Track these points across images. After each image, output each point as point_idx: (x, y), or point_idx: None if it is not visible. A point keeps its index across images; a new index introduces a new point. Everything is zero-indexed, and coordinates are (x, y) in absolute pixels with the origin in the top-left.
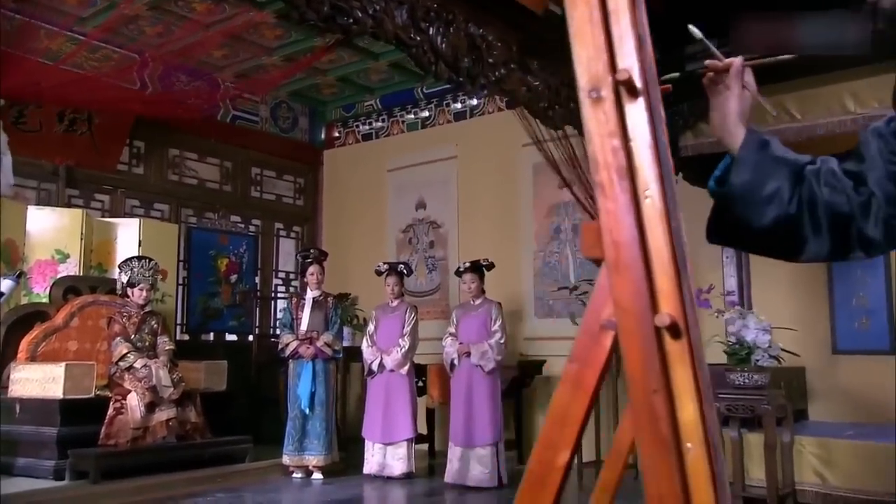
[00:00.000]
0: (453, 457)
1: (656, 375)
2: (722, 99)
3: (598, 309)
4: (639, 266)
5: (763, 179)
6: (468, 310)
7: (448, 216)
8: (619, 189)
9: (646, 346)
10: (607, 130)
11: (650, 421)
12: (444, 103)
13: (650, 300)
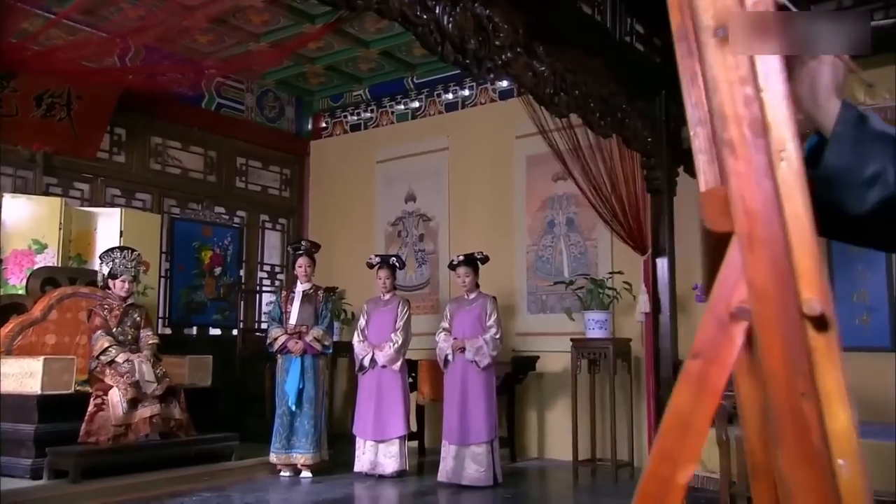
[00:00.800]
0: (447, 455)
1: (804, 376)
2: (810, 68)
3: (727, 293)
4: (779, 240)
5: (863, 159)
6: (462, 304)
7: (439, 209)
8: (753, 148)
9: (790, 340)
10: (738, 76)
11: (797, 431)
12: (435, 94)
13: (794, 283)
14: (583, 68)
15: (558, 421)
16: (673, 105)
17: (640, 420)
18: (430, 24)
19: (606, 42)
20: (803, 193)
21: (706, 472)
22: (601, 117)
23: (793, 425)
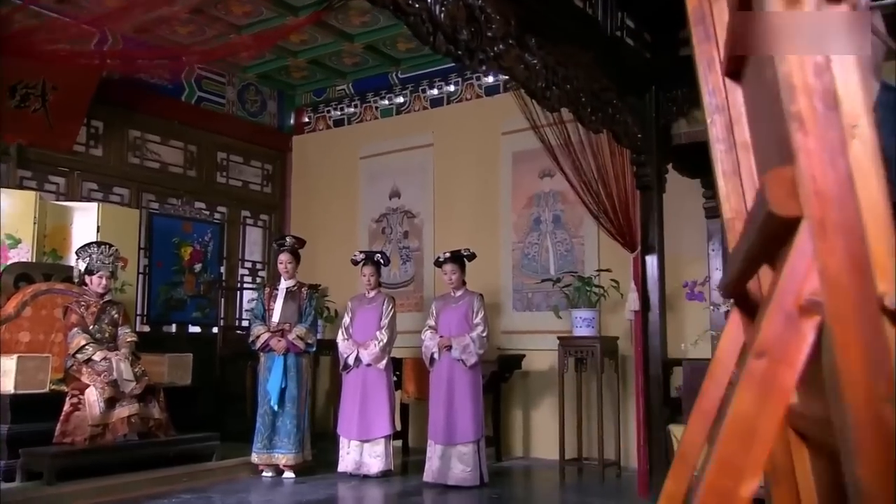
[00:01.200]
0: (433, 455)
1: (887, 378)
2: None
3: (795, 284)
4: (855, 226)
5: None
6: (448, 302)
7: (423, 206)
8: (825, 122)
9: (870, 338)
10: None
11: (879, 440)
12: (419, 89)
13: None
14: (574, 62)
15: (544, 420)
16: (663, 101)
17: (627, 419)
18: (422, 13)
19: (598, 36)
20: (878, 175)
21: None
22: (592, 112)
23: (875, 433)
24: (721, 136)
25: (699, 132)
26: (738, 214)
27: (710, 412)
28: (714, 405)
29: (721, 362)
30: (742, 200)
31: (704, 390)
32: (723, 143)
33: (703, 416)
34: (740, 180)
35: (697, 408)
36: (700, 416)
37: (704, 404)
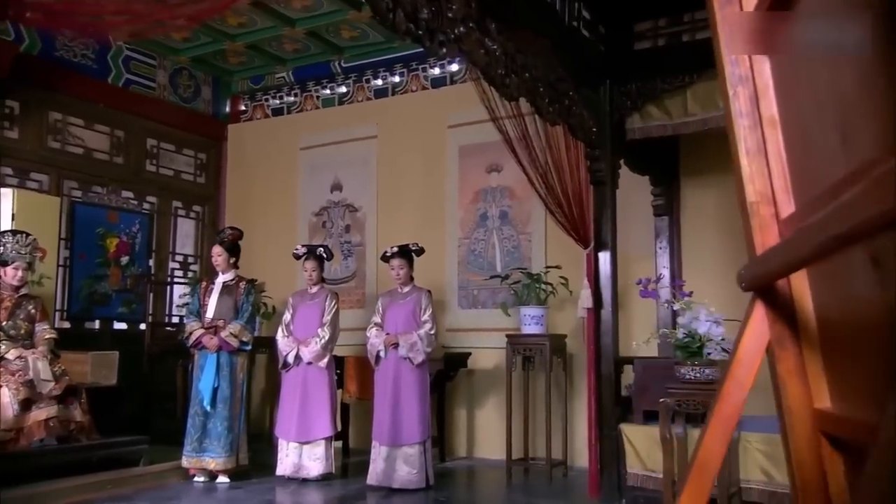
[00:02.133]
0: (377, 457)
1: None
2: None
3: None
4: None
5: None
6: (395, 298)
7: (366, 199)
8: None
9: None
10: None
11: None
12: (363, 79)
13: None
14: (533, 51)
15: (489, 419)
16: (617, 95)
17: (574, 418)
18: None
19: (555, 25)
20: None
21: (646, 471)
22: (550, 103)
23: None
24: (745, 109)
25: (652, 127)
26: (764, 198)
27: (731, 417)
28: (736, 410)
29: (743, 362)
30: (768, 182)
31: (725, 393)
32: (746, 117)
33: (725, 421)
34: (766, 160)
35: (718, 413)
36: (721, 421)
37: (725, 409)
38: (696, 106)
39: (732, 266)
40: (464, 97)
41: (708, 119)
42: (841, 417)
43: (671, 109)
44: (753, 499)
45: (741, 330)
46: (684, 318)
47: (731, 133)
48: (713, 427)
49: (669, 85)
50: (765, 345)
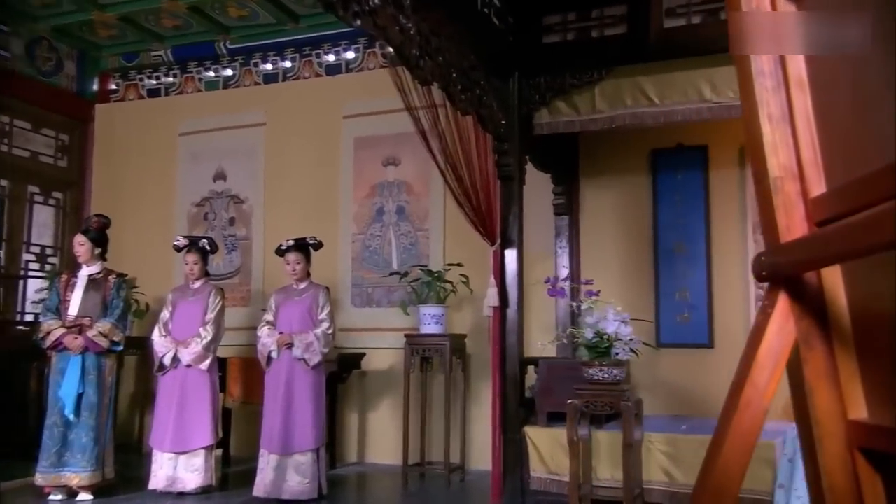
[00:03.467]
0: (266, 466)
1: None
2: None
3: None
4: None
5: None
6: (290, 295)
7: (253, 190)
8: None
9: None
10: None
11: None
12: (251, 62)
13: None
14: (447, 34)
15: (382, 423)
16: (526, 88)
17: (472, 421)
18: None
19: (468, 10)
20: None
21: (549, 474)
22: (462, 91)
23: None
24: (766, 68)
25: (560, 123)
26: (789, 173)
27: (752, 433)
28: (758, 423)
29: (764, 366)
30: (793, 154)
31: (744, 403)
32: (769, 77)
33: (744, 437)
34: (792, 128)
35: (736, 427)
36: (740, 437)
37: (745, 422)
38: (603, 103)
39: (630, 267)
40: (360, 86)
41: (615, 117)
42: (880, 428)
43: (579, 106)
44: (655, 499)
45: (758, 327)
46: (592, 317)
47: (748, 95)
48: (731, 445)
49: (578, 81)
50: (790, 344)
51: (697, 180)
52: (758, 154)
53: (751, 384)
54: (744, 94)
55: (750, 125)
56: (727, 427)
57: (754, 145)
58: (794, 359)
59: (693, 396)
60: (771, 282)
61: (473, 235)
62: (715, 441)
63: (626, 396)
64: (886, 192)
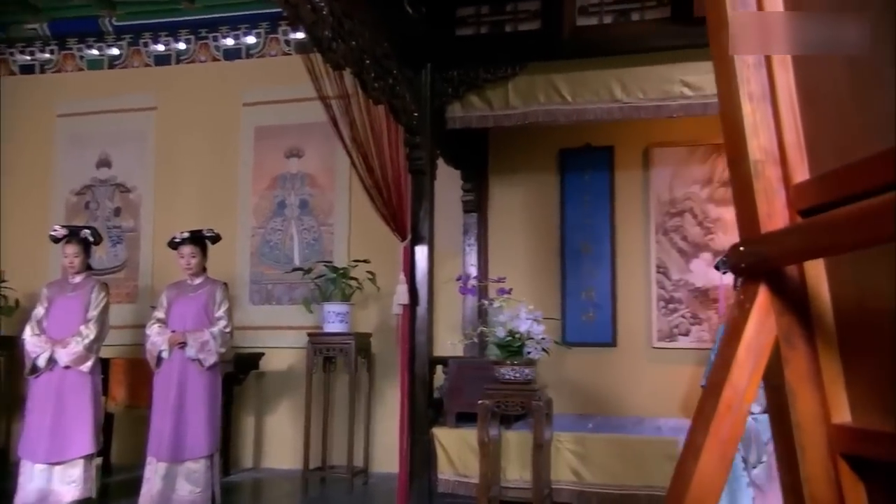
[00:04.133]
0: (153, 475)
1: None
2: None
3: None
4: None
5: None
6: (185, 291)
7: (141, 179)
8: None
9: None
10: None
11: None
12: (140, 42)
13: None
14: (360, 18)
15: (281, 426)
16: (439, 81)
17: (377, 423)
18: None
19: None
20: None
21: (458, 476)
22: (375, 79)
23: None
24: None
25: (474, 118)
26: (770, 157)
27: (732, 439)
28: (738, 428)
29: (744, 366)
30: (775, 137)
31: (724, 407)
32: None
33: (723, 445)
34: (774, 109)
35: (714, 434)
36: (718, 445)
37: (724, 427)
38: (517, 99)
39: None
40: (262, 73)
41: (528, 113)
42: (864, 433)
43: (493, 101)
44: (563, 499)
45: (735, 324)
46: (504, 315)
47: (725, 72)
48: (709, 453)
49: (492, 75)
50: (771, 343)
51: (604, 181)
52: (736, 136)
53: (730, 386)
54: (720, 72)
55: (727, 105)
56: (704, 433)
57: (732, 126)
58: (774, 359)
59: (597, 395)
60: (749, 275)
61: (380, 231)
62: (690, 449)
63: (538, 396)
64: (884, 179)
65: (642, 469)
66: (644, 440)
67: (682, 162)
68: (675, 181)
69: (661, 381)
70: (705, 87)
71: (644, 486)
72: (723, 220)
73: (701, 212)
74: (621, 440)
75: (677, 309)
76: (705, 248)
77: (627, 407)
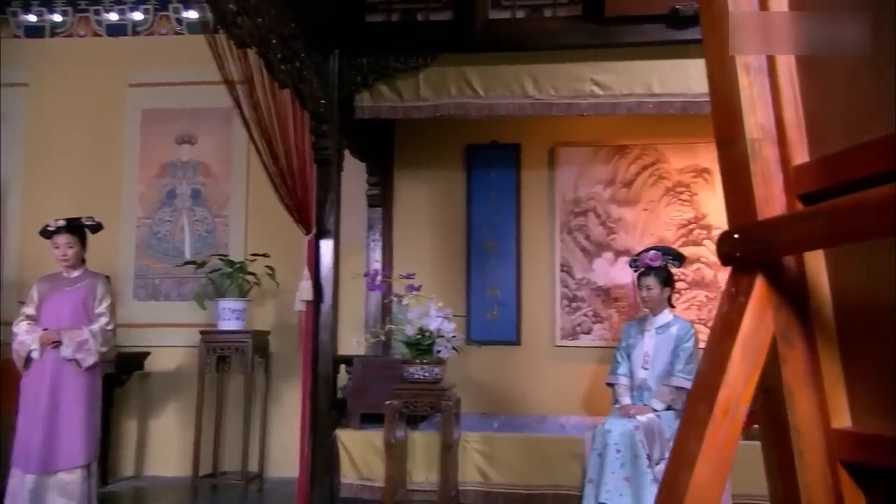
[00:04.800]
0: (19, 489)
1: None
2: None
3: None
4: None
5: None
6: (60, 285)
7: (8, 162)
8: None
9: None
10: None
11: None
12: (7, 11)
13: None
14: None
15: (166, 430)
16: (347, 68)
17: (273, 425)
18: None
19: None
20: None
21: (362, 479)
22: (282, 61)
23: None
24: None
25: (383, 108)
26: (768, 135)
27: (729, 445)
28: (735, 434)
29: (741, 364)
30: (772, 114)
31: (719, 411)
32: None
33: (719, 452)
34: (772, 82)
35: (712, 439)
36: (714, 453)
37: (720, 434)
38: (428, 91)
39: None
40: (151, 53)
41: (440, 106)
42: (866, 438)
43: (403, 91)
44: (470, 500)
45: (727, 320)
46: (413, 313)
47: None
48: (706, 461)
49: (403, 65)
50: (769, 340)
51: (510, 178)
52: (730, 112)
53: (726, 389)
54: (711, 42)
55: (719, 78)
56: (698, 441)
57: (725, 102)
58: (770, 359)
59: (501, 393)
60: (743, 266)
61: (279, 225)
62: (681, 458)
63: (447, 396)
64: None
65: (549, 468)
66: (550, 439)
67: (586, 162)
68: (579, 181)
69: (563, 380)
70: (614, 87)
71: (551, 485)
72: (624, 220)
73: (604, 212)
74: (528, 439)
75: (580, 307)
76: (607, 248)
77: (531, 405)
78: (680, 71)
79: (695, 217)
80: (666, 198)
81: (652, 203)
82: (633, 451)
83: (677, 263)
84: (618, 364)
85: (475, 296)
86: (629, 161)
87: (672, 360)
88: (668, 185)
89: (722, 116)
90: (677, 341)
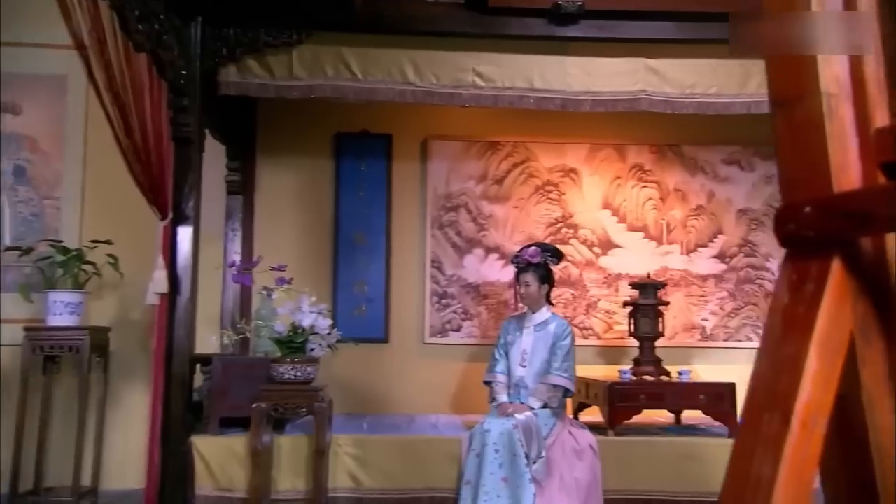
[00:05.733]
0: None
1: None
2: None
3: None
4: None
5: None
6: None
7: None
8: None
9: None
10: None
11: None
12: None
13: None
14: None
15: None
16: (212, 38)
17: (111, 433)
18: None
19: None
20: None
21: (219, 490)
22: (139, 19)
23: None
24: None
25: (252, 85)
26: (845, 92)
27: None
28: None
29: (818, 369)
30: (848, 67)
31: (802, 422)
32: None
33: (803, 469)
34: None
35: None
36: (798, 469)
37: (803, 448)
38: (302, 69)
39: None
40: None
41: (315, 87)
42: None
43: (274, 68)
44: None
45: (788, 315)
46: (284, 308)
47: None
48: (787, 485)
49: (275, 39)
50: (848, 337)
51: (381, 170)
52: (798, 62)
53: (805, 399)
54: None
55: (784, 19)
56: (774, 462)
57: (791, 48)
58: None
59: (368, 392)
60: (814, 248)
61: (123, 210)
62: (754, 486)
63: (321, 397)
64: None
65: (423, 470)
66: (425, 440)
67: (458, 156)
68: (451, 175)
69: (432, 378)
70: (496, 80)
71: (425, 487)
72: (495, 216)
73: (475, 207)
74: (402, 441)
75: (450, 304)
76: (478, 244)
77: (399, 404)
78: (559, 68)
79: (562, 216)
80: (535, 196)
81: (522, 200)
82: (512, 451)
83: (556, 261)
84: (496, 361)
85: (342, 291)
86: (500, 157)
87: (549, 358)
88: (537, 183)
89: (785, 68)
90: (555, 339)
